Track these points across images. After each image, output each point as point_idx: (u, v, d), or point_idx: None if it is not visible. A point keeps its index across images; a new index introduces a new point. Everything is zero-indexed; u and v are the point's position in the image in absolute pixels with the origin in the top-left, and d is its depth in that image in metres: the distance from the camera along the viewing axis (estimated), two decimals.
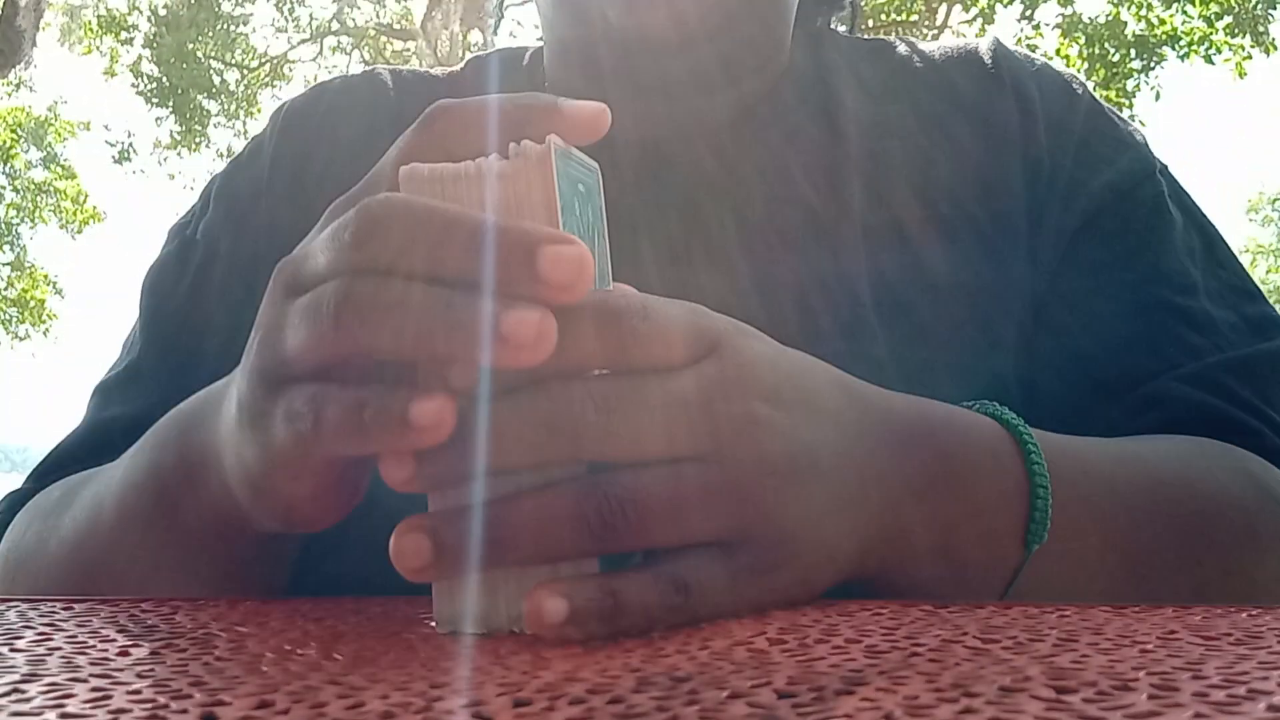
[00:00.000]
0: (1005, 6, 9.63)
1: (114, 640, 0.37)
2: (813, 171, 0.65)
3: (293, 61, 12.06)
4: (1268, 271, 18.69)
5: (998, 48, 0.71)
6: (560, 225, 0.37)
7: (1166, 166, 0.69)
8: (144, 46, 11.42)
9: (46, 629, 0.39)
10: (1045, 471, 0.47)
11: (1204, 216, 0.69)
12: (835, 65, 0.71)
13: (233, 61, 11.83)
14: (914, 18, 9.72)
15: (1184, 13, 9.41)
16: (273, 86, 12.05)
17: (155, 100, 11.51)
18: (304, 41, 11.98)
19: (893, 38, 0.76)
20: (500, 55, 0.76)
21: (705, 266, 0.62)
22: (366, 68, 0.80)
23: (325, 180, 0.69)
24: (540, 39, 0.74)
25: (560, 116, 0.40)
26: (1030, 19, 9.66)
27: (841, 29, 0.79)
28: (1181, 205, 0.68)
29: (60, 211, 13.63)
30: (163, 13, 11.37)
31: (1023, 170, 0.66)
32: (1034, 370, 0.64)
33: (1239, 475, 0.56)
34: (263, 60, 11.99)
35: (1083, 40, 9.46)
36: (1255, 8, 9.21)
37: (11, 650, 0.35)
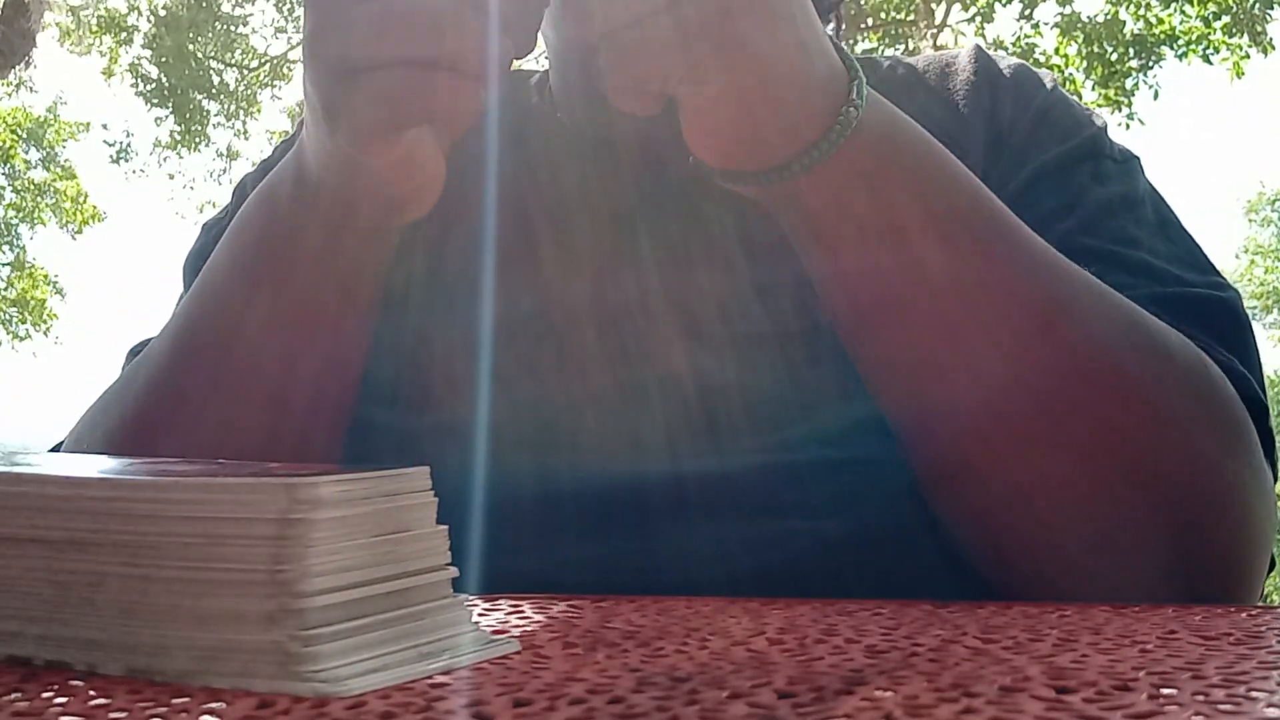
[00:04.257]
0: (1004, 5, 9.61)
1: None
2: None
3: (293, 62, 12.03)
4: (1266, 272, 18.65)
5: (977, 50, 0.72)
6: None
7: (1137, 157, 0.69)
8: (144, 47, 11.41)
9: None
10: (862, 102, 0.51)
11: (1167, 206, 0.68)
12: None
13: (233, 61, 11.81)
14: (911, 16, 9.71)
15: (1182, 12, 9.40)
16: (273, 86, 12.02)
17: (155, 101, 11.49)
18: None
19: (878, 55, 0.77)
20: (510, 77, 0.77)
21: (705, 266, 0.62)
22: None
23: None
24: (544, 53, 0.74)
25: None
26: (1029, 18, 9.64)
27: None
28: (1142, 190, 0.67)
29: (60, 211, 13.62)
30: (162, 13, 11.35)
31: (985, 133, 0.66)
32: None
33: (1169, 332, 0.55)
34: (263, 60, 11.98)
35: (1081, 39, 9.44)
36: (1253, 8, 9.19)
37: None
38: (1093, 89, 9.39)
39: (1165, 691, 0.28)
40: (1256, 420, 0.57)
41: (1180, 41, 9.44)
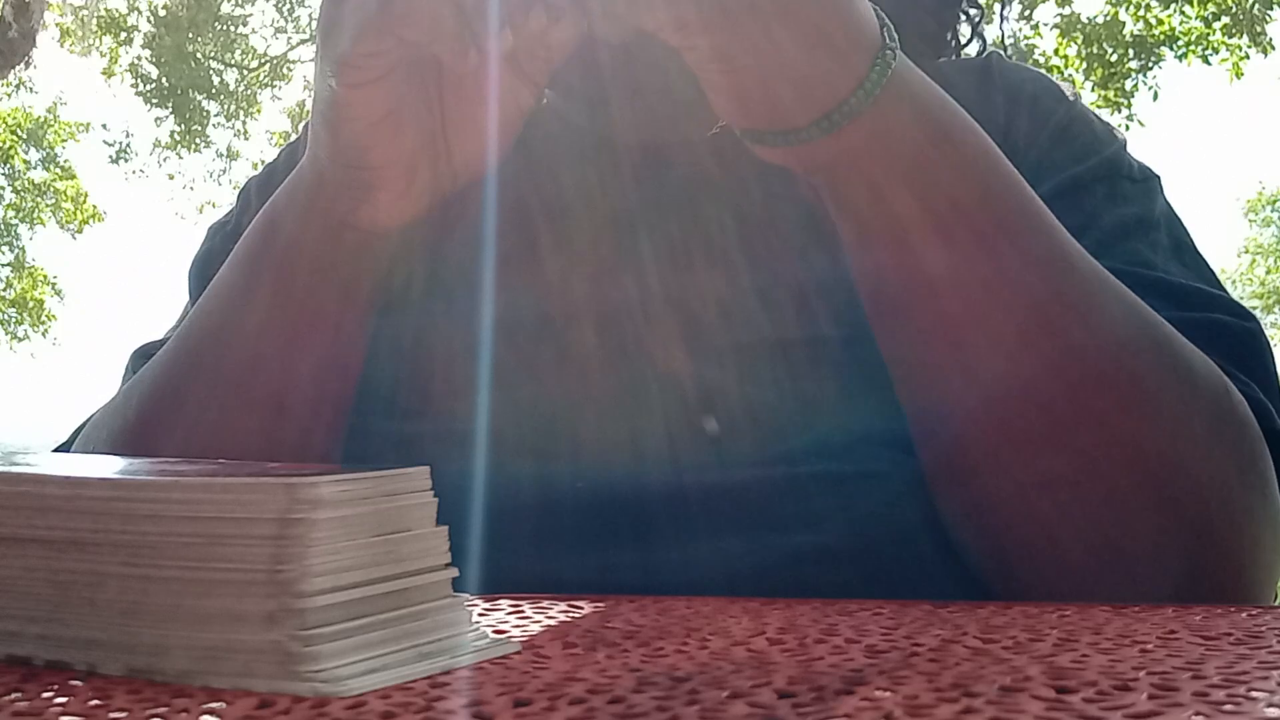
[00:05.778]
0: (1004, 6, 9.62)
1: None
2: None
3: (292, 62, 12.03)
4: (1267, 272, 18.65)
5: (995, 57, 0.72)
6: None
7: (1156, 176, 0.68)
8: (143, 47, 11.41)
9: None
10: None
11: (1183, 228, 0.68)
12: None
13: (232, 62, 11.81)
14: None
15: (1182, 13, 9.40)
16: (273, 86, 12.03)
17: (155, 101, 11.50)
18: (304, 42, 11.94)
19: None
20: None
21: (705, 266, 0.62)
22: None
23: None
24: None
25: None
26: (1029, 19, 9.65)
27: None
28: (1158, 211, 0.67)
29: (60, 211, 13.62)
30: (162, 13, 11.35)
31: (1000, 147, 0.66)
32: None
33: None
34: (262, 60, 11.98)
35: (1081, 40, 9.45)
36: (1252, 8, 9.19)
37: None
38: (1092, 90, 9.39)
39: (1165, 692, 0.28)
40: (1274, 451, 0.56)
41: (1180, 42, 9.44)
